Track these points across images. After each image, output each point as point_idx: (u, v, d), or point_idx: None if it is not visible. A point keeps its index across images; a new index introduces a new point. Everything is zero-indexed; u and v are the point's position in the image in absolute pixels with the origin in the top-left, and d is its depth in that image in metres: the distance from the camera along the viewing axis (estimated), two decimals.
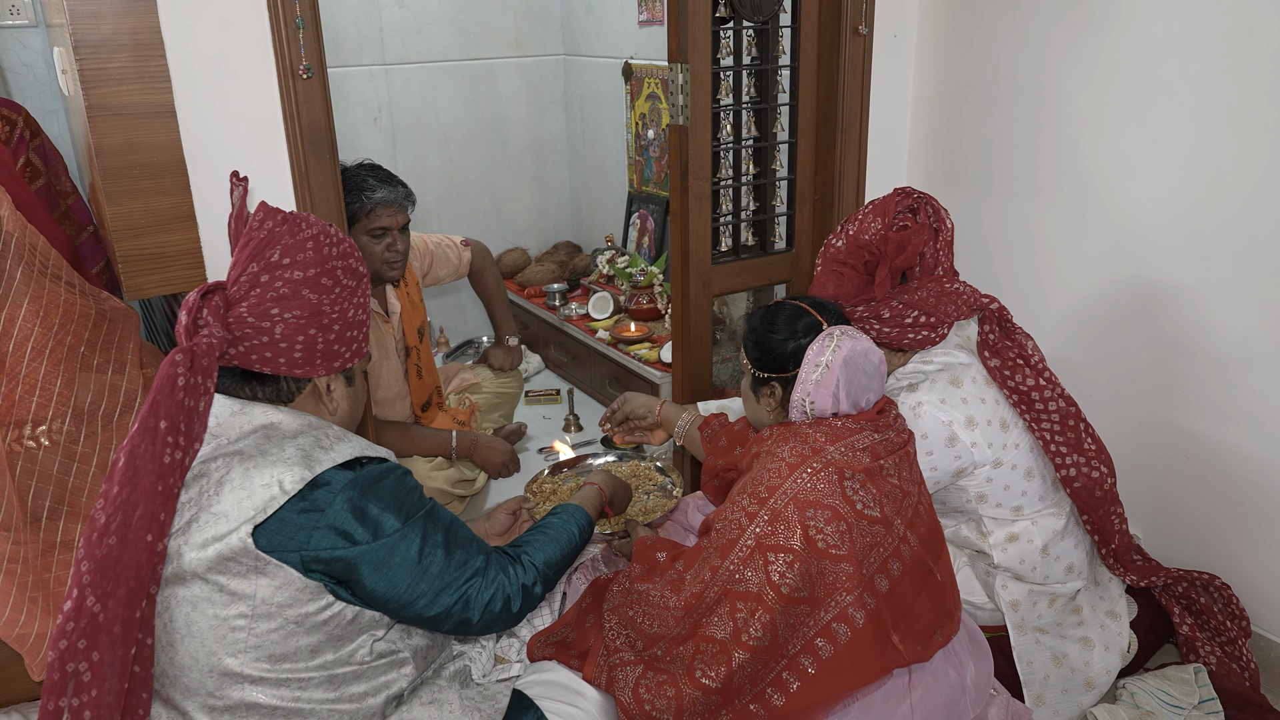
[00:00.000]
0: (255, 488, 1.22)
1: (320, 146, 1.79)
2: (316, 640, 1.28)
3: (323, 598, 1.26)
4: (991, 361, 1.84)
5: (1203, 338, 2.01)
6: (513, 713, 1.46)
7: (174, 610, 1.24)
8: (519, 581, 1.40)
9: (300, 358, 1.30)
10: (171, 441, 1.17)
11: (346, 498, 1.25)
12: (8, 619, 1.58)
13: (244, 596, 1.23)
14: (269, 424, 1.29)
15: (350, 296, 1.34)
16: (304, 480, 1.23)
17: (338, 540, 1.24)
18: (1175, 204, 2.01)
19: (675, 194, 2.35)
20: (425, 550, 1.30)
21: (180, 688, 1.26)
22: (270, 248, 1.28)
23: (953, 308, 1.78)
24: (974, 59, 2.37)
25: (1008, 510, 1.85)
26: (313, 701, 1.29)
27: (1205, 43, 1.89)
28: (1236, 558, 2.05)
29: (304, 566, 1.23)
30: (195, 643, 1.24)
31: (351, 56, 3.69)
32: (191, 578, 1.23)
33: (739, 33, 2.37)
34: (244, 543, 1.20)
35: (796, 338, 1.55)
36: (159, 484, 1.16)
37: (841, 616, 1.42)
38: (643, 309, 3.48)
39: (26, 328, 1.56)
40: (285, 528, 1.23)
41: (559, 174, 4.35)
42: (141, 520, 1.15)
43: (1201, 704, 1.84)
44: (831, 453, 1.46)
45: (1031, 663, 1.84)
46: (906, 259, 1.77)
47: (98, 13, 1.56)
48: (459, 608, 1.33)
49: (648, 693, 1.46)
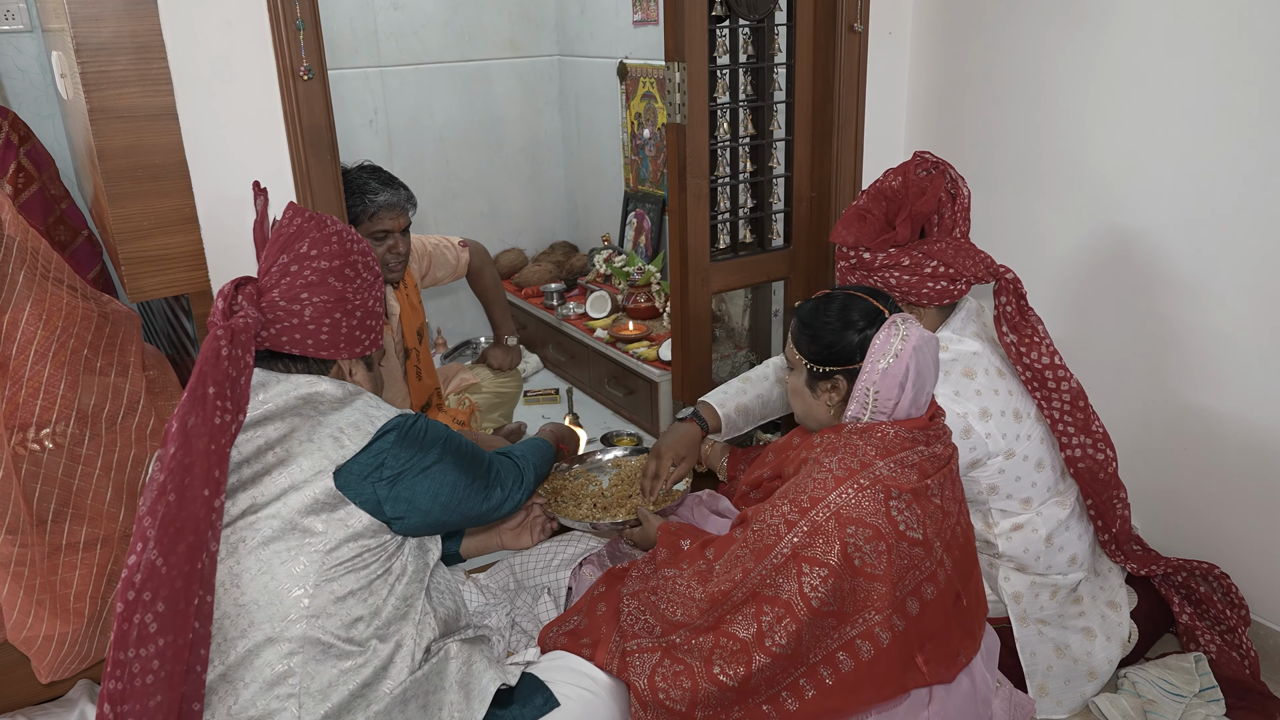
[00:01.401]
0: (324, 440, 1.35)
1: (321, 148, 1.79)
2: (371, 576, 1.38)
3: (384, 534, 1.39)
4: (1009, 337, 1.83)
5: (1199, 328, 2.03)
6: (522, 692, 1.48)
7: (242, 553, 1.33)
8: (519, 477, 1.62)
9: (326, 339, 1.42)
10: (220, 406, 1.27)
11: (400, 437, 1.40)
12: (15, 621, 1.58)
13: (319, 533, 1.33)
14: (316, 392, 1.40)
15: (369, 289, 1.47)
16: (370, 435, 1.37)
17: (401, 466, 1.39)
18: (1170, 196, 2.02)
19: (673, 192, 2.36)
20: (460, 463, 1.48)
21: (243, 632, 1.32)
22: (299, 240, 1.40)
23: (971, 263, 1.77)
24: (969, 55, 2.38)
25: (1017, 503, 1.86)
26: (360, 639, 1.37)
27: (1198, 36, 1.91)
28: (1235, 547, 2.06)
29: (376, 498, 1.36)
30: (267, 577, 1.33)
31: (347, 59, 3.69)
32: (272, 520, 1.33)
33: (735, 31, 2.38)
34: (327, 487, 1.33)
35: (857, 327, 1.49)
36: (212, 444, 1.25)
37: (867, 634, 1.41)
38: (640, 307, 3.49)
39: (29, 331, 1.56)
40: (360, 468, 1.36)
41: (555, 174, 4.35)
42: (198, 478, 1.24)
43: (1202, 692, 1.86)
44: (880, 469, 1.43)
45: (1034, 654, 1.85)
46: (926, 203, 1.77)
47: (99, 16, 1.56)
48: (485, 503, 1.52)
49: (664, 681, 1.46)
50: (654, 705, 1.46)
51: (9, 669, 1.74)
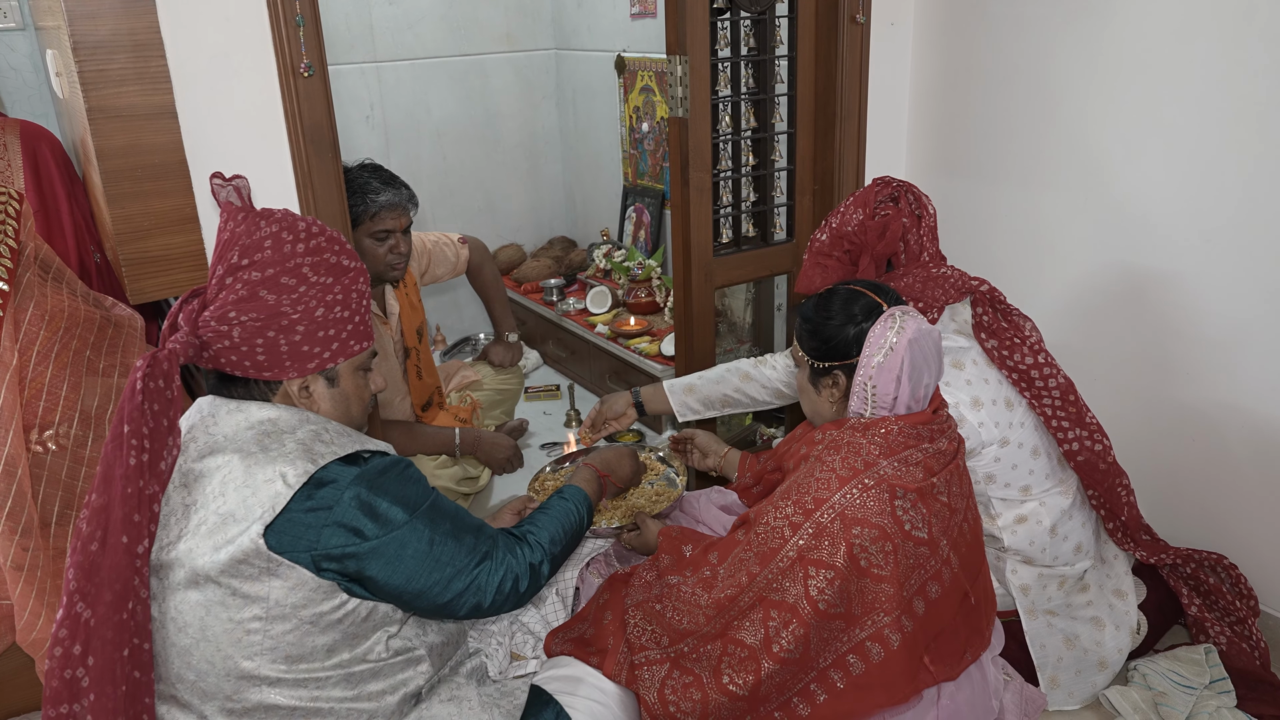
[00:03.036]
0: (259, 484, 1.22)
1: (322, 145, 1.77)
2: (332, 639, 1.28)
3: (336, 596, 1.26)
4: (989, 343, 1.84)
5: (1204, 320, 2.02)
6: (532, 708, 1.45)
7: (187, 615, 1.24)
8: (526, 561, 1.42)
9: (264, 360, 1.28)
10: (135, 445, 1.16)
11: (354, 494, 1.25)
12: (26, 623, 1.57)
13: (258, 599, 1.22)
14: (265, 419, 1.28)
15: (320, 295, 1.29)
16: (307, 474, 1.23)
17: (349, 537, 1.24)
18: (1174, 188, 2.01)
19: (676, 186, 2.34)
20: (435, 539, 1.31)
21: (199, 692, 1.26)
22: (230, 249, 1.27)
23: (940, 292, 1.77)
24: (972, 46, 2.37)
25: (1016, 490, 1.86)
26: (331, 700, 1.29)
27: (1204, 25, 1.90)
28: (1244, 538, 2.06)
29: (315, 566, 1.23)
30: (211, 646, 1.24)
31: (343, 54, 3.66)
32: (205, 581, 1.22)
33: (736, 23, 2.37)
34: (255, 544, 1.20)
35: (856, 321, 1.48)
36: (128, 487, 1.16)
37: (877, 636, 1.40)
38: (641, 302, 3.47)
39: (32, 330, 1.55)
40: (294, 527, 1.22)
41: (553, 169, 4.33)
42: (116, 524, 1.16)
43: (1213, 684, 1.85)
44: (884, 468, 1.41)
45: (1044, 646, 1.85)
46: (888, 245, 1.77)
47: (96, 13, 1.54)
48: (471, 593, 1.35)
49: (673, 694, 1.44)
50: (665, 719, 1.45)
51: (15, 674, 1.73)
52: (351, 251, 1.36)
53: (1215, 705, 1.79)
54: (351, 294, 1.34)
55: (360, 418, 1.43)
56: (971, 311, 1.85)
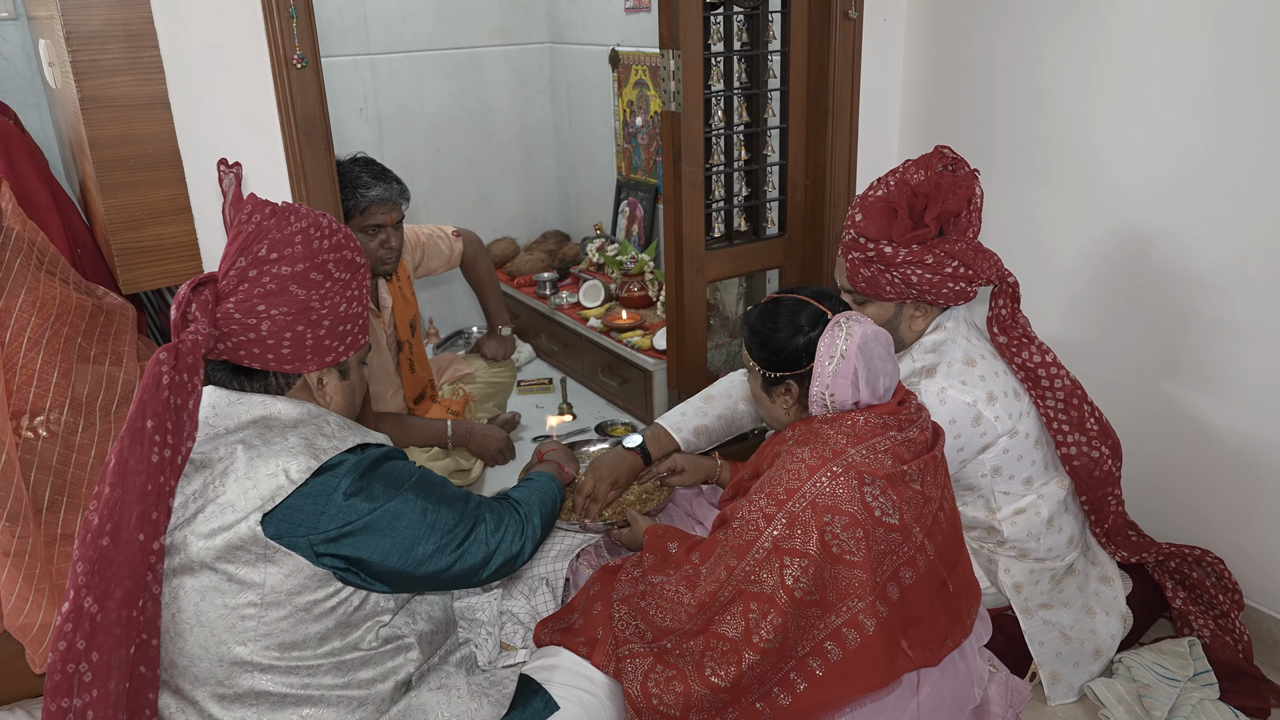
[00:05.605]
0: (261, 477, 1.24)
1: (315, 137, 1.78)
2: (325, 627, 1.29)
3: (331, 584, 1.28)
4: (1000, 338, 1.85)
5: (1194, 316, 2.04)
6: (521, 697, 1.47)
7: (182, 600, 1.25)
8: (519, 519, 1.46)
9: (289, 354, 1.30)
10: (159, 440, 1.16)
11: (351, 479, 1.27)
12: (13, 608, 1.57)
13: (253, 585, 1.24)
14: (267, 414, 1.29)
15: (342, 290, 1.33)
16: (310, 469, 1.25)
17: (344, 516, 1.26)
18: (1167, 184, 2.03)
19: (668, 180, 2.35)
20: (428, 508, 1.33)
21: (190, 678, 1.27)
22: (258, 242, 1.27)
23: (986, 265, 1.78)
24: (964, 42, 2.38)
25: (1019, 483, 1.87)
26: (322, 688, 1.30)
27: (1195, 22, 1.91)
28: (1229, 532, 2.08)
29: (313, 553, 1.25)
30: (205, 632, 1.25)
31: (336, 46, 3.66)
32: (200, 567, 1.24)
33: (729, 18, 2.37)
34: (253, 531, 1.22)
35: (804, 332, 1.51)
36: (149, 483, 1.15)
37: (852, 622, 1.41)
38: (634, 296, 3.48)
39: (23, 317, 1.55)
40: (293, 514, 1.24)
41: (546, 162, 4.33)
42: (135, 521, 1.15)
43: (1196, 676, 1.87)
44: (852, 456, 1.43)
45: (1043, 643, 1.86)
46: (957, 202, 1.75)
47: (89, 3, 1.55)
48: (468, 554, 1.37)
49: (656, 687, 1.46)
50: (648, 711, 1.46)
51: (6, 662, 1.73)
52: (360, 248, 1.39)
53: (1198, 697, 1.81)
54: (364, 290, 1.39)
55: (359, 407, 1.47)
56: (991, 303, 1.86)
